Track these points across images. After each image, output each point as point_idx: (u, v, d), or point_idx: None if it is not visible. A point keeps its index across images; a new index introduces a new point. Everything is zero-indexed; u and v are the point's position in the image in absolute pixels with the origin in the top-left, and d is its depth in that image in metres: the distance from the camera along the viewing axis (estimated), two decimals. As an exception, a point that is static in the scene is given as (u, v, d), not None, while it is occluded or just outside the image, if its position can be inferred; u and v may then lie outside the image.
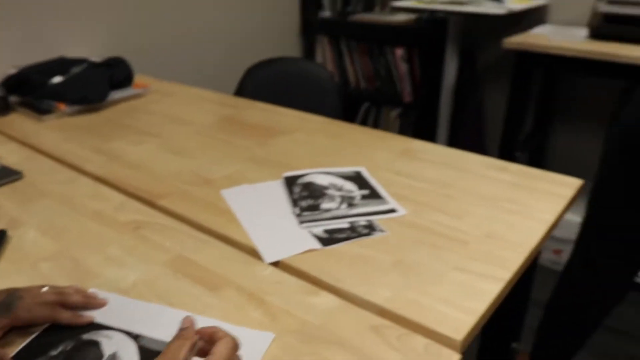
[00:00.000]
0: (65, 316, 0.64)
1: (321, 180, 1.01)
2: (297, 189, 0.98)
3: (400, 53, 2.62)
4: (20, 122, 1.43)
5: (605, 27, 1.91)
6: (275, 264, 0.77)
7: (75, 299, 0.66)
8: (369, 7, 2.85)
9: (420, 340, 0.61)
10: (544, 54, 1.94)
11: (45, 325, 0.64)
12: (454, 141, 2.69)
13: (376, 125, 2.83)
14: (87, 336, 0.63)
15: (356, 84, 2.87)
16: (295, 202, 0.93)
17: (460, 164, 1.08)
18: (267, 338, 0.62)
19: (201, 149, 1.20)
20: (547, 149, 2.63)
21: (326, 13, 2.87)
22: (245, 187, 1.01)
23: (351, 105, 2.85)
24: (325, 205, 0.92)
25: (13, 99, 1.52)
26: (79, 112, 1.49)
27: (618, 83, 2.21)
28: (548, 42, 1.96)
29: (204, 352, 0.54)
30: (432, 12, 2.45)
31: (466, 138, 2.69)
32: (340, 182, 1.00)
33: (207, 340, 0.54)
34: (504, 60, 2.56)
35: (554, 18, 2.44)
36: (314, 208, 0.91)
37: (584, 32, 2.03)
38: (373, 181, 1.01)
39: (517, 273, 0.74)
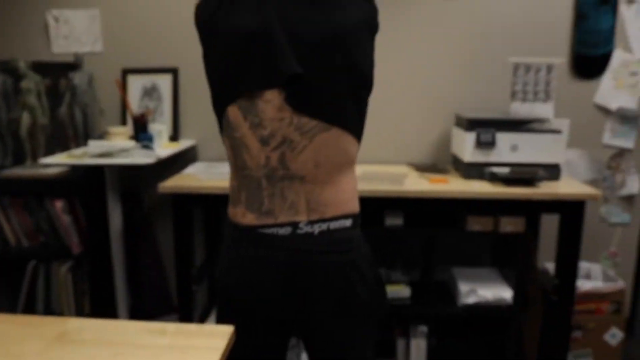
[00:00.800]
0: None
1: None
2: None
3: (60, 205, 2.52)
4: None
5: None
6: None
7: None
8: (19, 161, 2.69)
9: None
10: (197, 194, 2.14)
11: None
12: (134, 285, 2.67)
13: (48, 285, 2.61)
14: None
15: (17, 242, 2.62)
16: None
17: (120, 337, 1.09)
18: None
19: None
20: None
21: (-35, 173, 2.59)
22: None
23: (15, 267, 2.58)
24: None
25: None
26: None
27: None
28: (199, 183, 2.18)
29: None
30: (87, 162, 2.46)
31: (147, 279, 2.70)
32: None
33: None
34: (167, 199, 2.71)
35: (203, 155, 2.73)
36: None
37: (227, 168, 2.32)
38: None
39: None
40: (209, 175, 2.29)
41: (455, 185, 2.15)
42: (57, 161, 2.21)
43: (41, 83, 2.52)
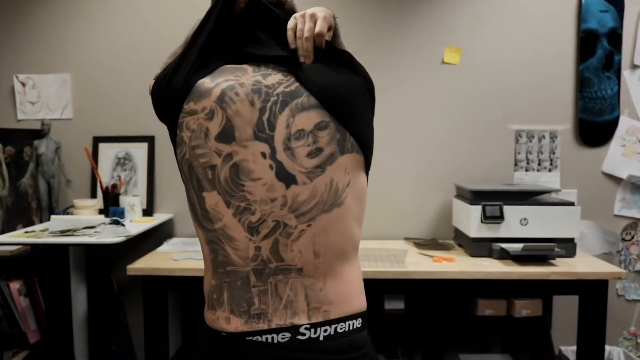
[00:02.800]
0: None
1: None
2: None
3: (17, 286, 2.23)
4: None
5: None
6: None
7: None
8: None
9: None
10: (171, 277, 1.88)
11: None
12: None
13: (-5, 380, 2.27)
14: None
15: (-36, 329, 2.30)
16: None
17: None
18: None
19: None
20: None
21: None
22: None
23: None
24: None
25: None
26: None
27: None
28: (173, 264, 1.92)
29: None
30: (49, 240, 2.20)
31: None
32: None
33: None
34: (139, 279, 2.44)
35: (181, 231, 2.48)
36: None
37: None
38: None
39: None
40: (186, 254, 2.04)
41: (462, 265, 1.92)
42: (12, 240, 1.95)
43: (2, 152, 2.28)
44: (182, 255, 2.03)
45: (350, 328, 0.94)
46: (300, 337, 0.91)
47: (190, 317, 2.45)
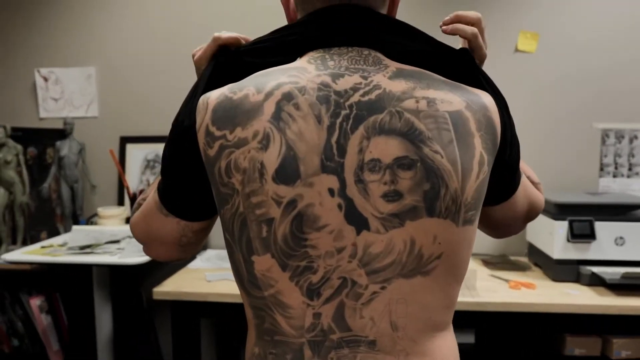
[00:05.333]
0: None
1: None
2: None
3: (37, 303, 2.04)
4: None
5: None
6: None
7: None
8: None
9: None
10: (201, 302, 1.63)
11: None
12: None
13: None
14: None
15: (-16, 346, 2.13)
16: None
17: None
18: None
19: None
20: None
21: None
22: None
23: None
24: None
25: None
26: None
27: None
28: (205, 287, 1.67)
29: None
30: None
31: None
32: None
33: None
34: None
35: (215, 242, 2.23)
36: None
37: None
38: None
39: None
40: (221, 274, 1.79)
41: (545, 294, 1.61)
42: (25, 258, 1.73)
43: (22, 154, 2.08)
44: (216, 275, 1.78)
45: None
46: None
47: (226, 344, 2.21)
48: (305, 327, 0.66)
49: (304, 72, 0.65)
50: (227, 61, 0.73)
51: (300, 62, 0.68)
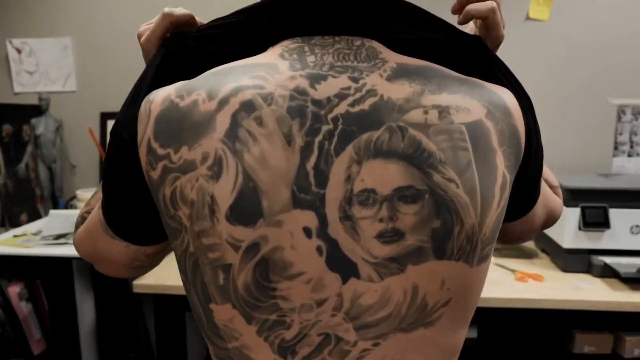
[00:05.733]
0: None
1: None
2: None
3: (17, 290, 1.94)
4: None
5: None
6: None
7: None
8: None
9: None
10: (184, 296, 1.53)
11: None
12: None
13: (-3, 393, 2.02)
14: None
15: (-36, 333, 2.04)
16: None
17: None
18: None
19: None
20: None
21: None
22: None
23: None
24: None
25: None
26: None
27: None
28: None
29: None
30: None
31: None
32: None
33: None
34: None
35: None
36: None
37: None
38: None
39: None
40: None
41: (554, 287, 1.49)
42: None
43: (-4, 132, 1.95)
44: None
45: None
46: None
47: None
48: None
49: (274, 72, 0.50)
50: (180, 50, 0.58)
51: (270, 56, 0.53)
